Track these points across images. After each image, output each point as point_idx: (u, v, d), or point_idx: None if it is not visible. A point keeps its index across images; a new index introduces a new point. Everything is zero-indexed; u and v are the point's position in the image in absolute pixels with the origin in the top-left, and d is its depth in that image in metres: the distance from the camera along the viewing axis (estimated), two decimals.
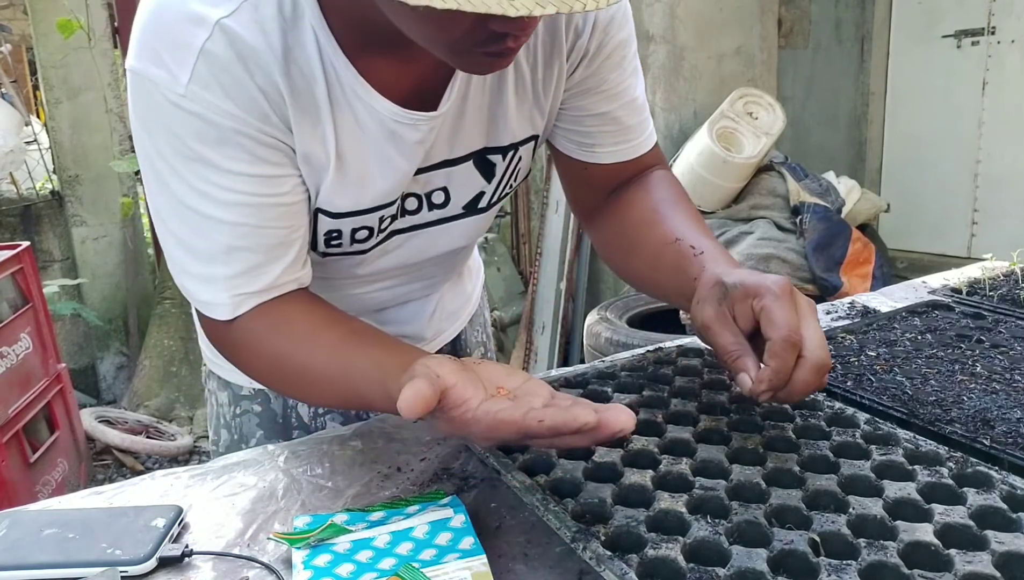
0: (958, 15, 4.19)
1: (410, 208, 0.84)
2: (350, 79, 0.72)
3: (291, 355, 0.75)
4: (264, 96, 0.69)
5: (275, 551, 0.64)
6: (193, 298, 0.76)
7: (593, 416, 0.59)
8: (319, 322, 0.76)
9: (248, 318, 0.75)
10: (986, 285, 1.16)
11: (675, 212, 0.86)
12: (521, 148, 0.86)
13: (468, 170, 0.84)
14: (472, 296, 1.14)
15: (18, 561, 0.63)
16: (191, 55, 0.66)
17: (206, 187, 0.70)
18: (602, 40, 0.83)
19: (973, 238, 4.32)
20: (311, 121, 0.72)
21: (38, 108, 4.18)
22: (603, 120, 0.88)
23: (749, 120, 3.22)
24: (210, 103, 0.67)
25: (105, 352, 3.68)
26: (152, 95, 0.68)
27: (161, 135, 0.69)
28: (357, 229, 0.81)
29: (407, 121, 0.75)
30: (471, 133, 0.82)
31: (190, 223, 0.72)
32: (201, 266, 0.74)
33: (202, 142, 0.68)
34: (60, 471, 2.53)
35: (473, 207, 0.88)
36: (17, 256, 2.45)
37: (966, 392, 0.82)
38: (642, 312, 3.01)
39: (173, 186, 0.71)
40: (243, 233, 0.72)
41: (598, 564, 0.56)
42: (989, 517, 0.60)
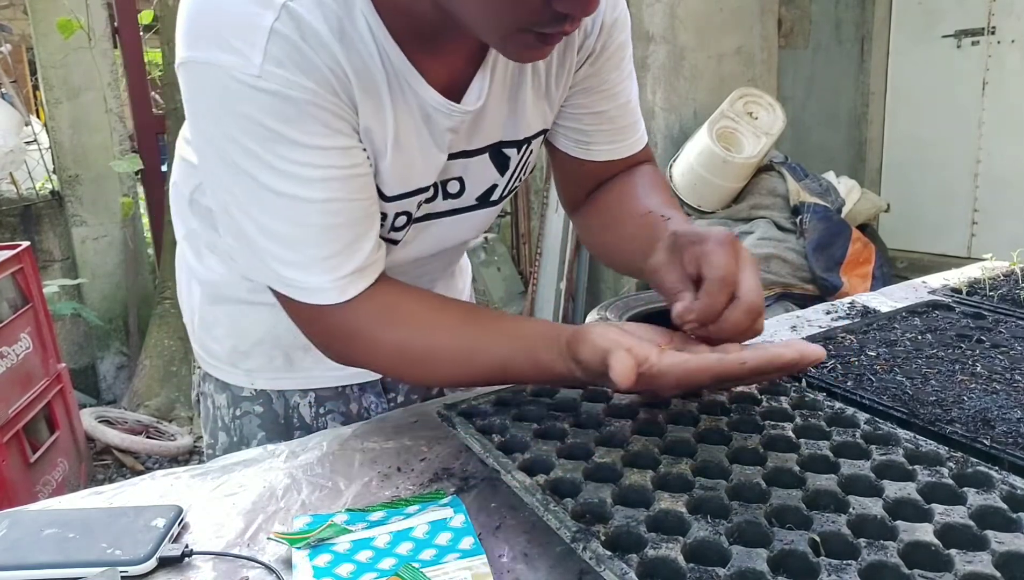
0: (958, 15, 4.19)
1: (426, 196, 0.86)
2: (401, 65, 0.73)
3: (414, 340, 0.76)
4: (332, 73, 0.70)
5: (275, 551, 0.64)
6: (294, 286, 0.75)
7: (793, 352, 0.66)
8: (433, 302, 0.79)
9: (357, 307, 0.75)
10: (986, 285, 1.16)
11: (649, 192, 0.92)
12: (533, 141, 0.89)
13: (484, 162, 0.86)
14: (463, 295, 1.15)
15: (18, 561, 0.63)
16: (262, 35, 0.66)
17: (291, 167, 0.69)
18: (607, 41, 0.86)
19: (973, 238, 4.32)
20: (374, 102, 0.74)
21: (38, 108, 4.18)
22: (600, 119, 0.91)
23: (749, 120, 3.22)
24: (286, 79, 0.67)
25: (105, 352, 3.68)
26: (221, 81, 0.67)
27: (235, 122, 0.68)
28: (399, 214, 0.82)
29: (445, 110, 0.77)
30: (490, 126, 0.84)
31: (277, 209, 0.71)
32: (295, 252, 0.73)
33: (281, 120, 0.68)
34: (60, 471, 2.53)
35: (485, 199, 0.90)
36: (17, 256, 2.45)
37: (966, 392, 0.82)
38: (642, 312, 3.01)
39: (255, 173, 0.70)
40: (335, 209, 0.72)
41: (598, 564, 0.56)
42: (989, 517, 0.60)
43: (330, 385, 1.00)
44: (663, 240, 0.78)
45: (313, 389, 1.00)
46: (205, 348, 1.03)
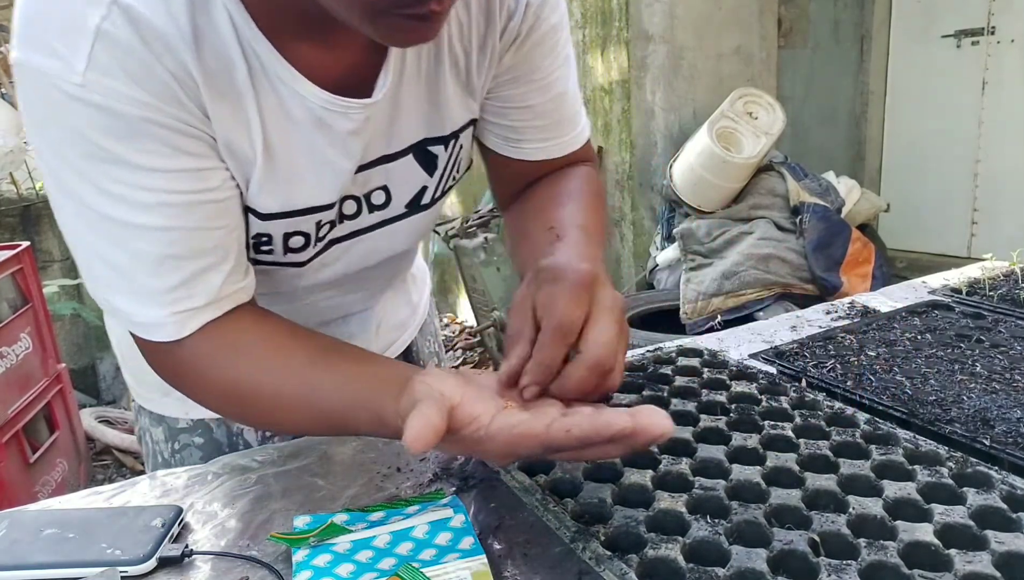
0: (958, 15, 4.19)
1: (348, 212, 0.77)
2: (273, 63, 0.64)
3: (251, 379, 0.66)
4: (175, 80, 0.60)
5: (275, 551, 0.64)
6: (128, 320, 0.66)
7: (629, 421, 0.53)
8: (281, 341, 0.68)
9: (196, 339, 0.66)
10: (986, 285, 1.16)
11: (568, 201, 0.81)
12: (461, 135, 0.81)
13: (408, 165, 0.78)
14: (419, 305, 1.08)
15: (18, 561, 0.63)
16: (86, 38, 0.56)
17: (123, 190, 0.60)
18: (533, 22, 0.77)
19: (973, 238, 4.32)
20: (231, 108, 0.64)
21: None
22: (531, 113, 0.82)
23: (749, 120, 3.22)
24: (114, 91, 0.58)
25: (105, 352, 3.67)
26: (44, 90, 0.58)
27: (61, 136, 0.59)
28: (291, 234, 0.73)
29: (337, 109, 0.67)
30: (409, 124, 0.75)
31: (110, 235, 0.62)
32: (131, 283, 0.64)
33: (110, 137, 0.59)
34: (60, 471, 2.53)
35: (416, 204, 0.81)
36: (17, 256, 2.45)
37: (966, 392, 0.82)
38: (642, 312, 3.01)
39: (84, 195, 0.61)
40: (173, 238, 0.63)
41: (598, 564, 0.56)
42: (989, 517, 0.60)
43: None
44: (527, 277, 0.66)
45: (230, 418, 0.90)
46: (135, 377, 0.94)
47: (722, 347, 1.02)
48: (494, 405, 0.58)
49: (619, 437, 0.54)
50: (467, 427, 0.56)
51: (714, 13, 3.68)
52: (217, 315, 0.67)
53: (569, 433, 0.54)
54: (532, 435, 0.55)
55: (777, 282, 2.93)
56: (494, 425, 0.56)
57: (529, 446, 0.55)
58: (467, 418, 0.56)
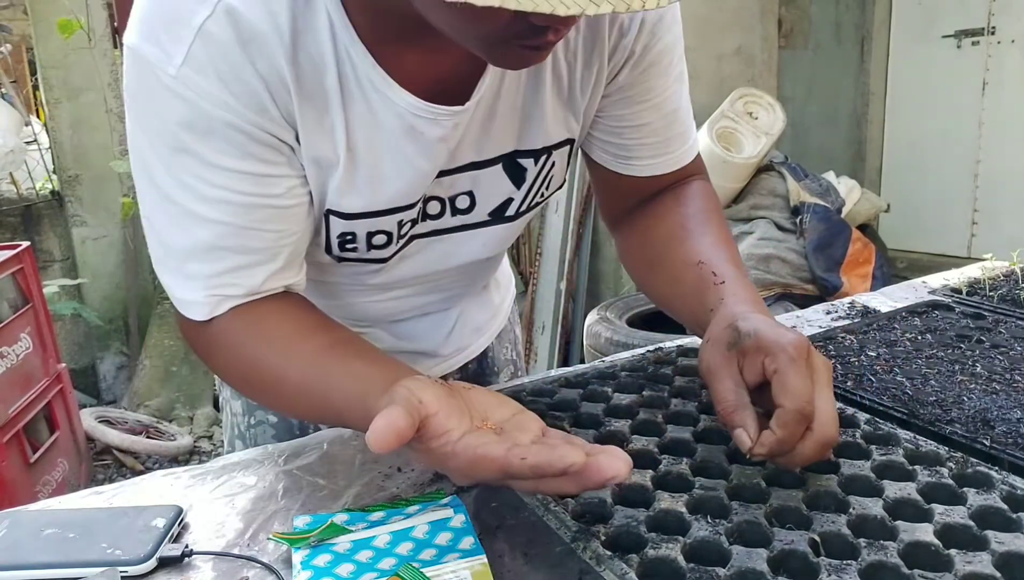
0: (958, 15, 4.19)
1: (432, 212, 0.79)
2: (366, 68, 0.66)
3: (266, 361, 0.70)
4: (265, 86, 0.64)
5: (275, 551, 0.64)
6: (171, 294, 0.72)
7: (581, 457, 0.52)
8: (301, 328, 0.71)
9: (225, 319, 0.70)
10: (986, 285, 1.16)
11: (703, 230, 0.81)
12: (555, 152, 0.80)
13: (496, 174, 0.78)
14: (500, 310, 1.08)
15: (18, 561, 0.63)
16: (188, 34, 0.60)
17: (190, 180, 0.65)
18: (648, 42, 0.76)
19: (973, 238, 4.32)
20: (318, 112, 0.67)
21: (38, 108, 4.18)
22: (643, 132, 0.82)
23: (749, 120, 3.23)
24: (203, 89, 0.62)
25: (105, 352, 3.68)
26: (144, 75, 0.63)
27: (149, 119, 0.65)
28: (373, 233, 0.76)
29: (427, 115, 0.69)
30: (502, 134, 0.76)
31: (171, 216, 0.68)
32: (179, 262, 0.69)
33: (189, 131, 0.63)
34: (60, 471, 2.53)
35: (500, 214, 0.82)
36: (17, 256, 2.45)
37: (966, 392, 0.82)
38: (642, 312, 3.01)
39: (157, 176, 0.66)
40: (225, 233, 0.67)
41: (598, 564, 0.56)
42: (989, 517, 0.60)
43: None
44: (719, 325, 0.67)
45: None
46: None
47: None
48: (469, 422, 0.58)
49: (569, 471, 0.53)
50: (437, 439, 0.56)
51: (715, 14, 3.68)
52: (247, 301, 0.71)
53: (523, 461, 0.53)
54: (491, 458, 0.54)
55: (777, 282, 2.93)
56: (461, 442, 0.56)
57: (488, 468, 0.55)
58: (439, 430, 0.56)
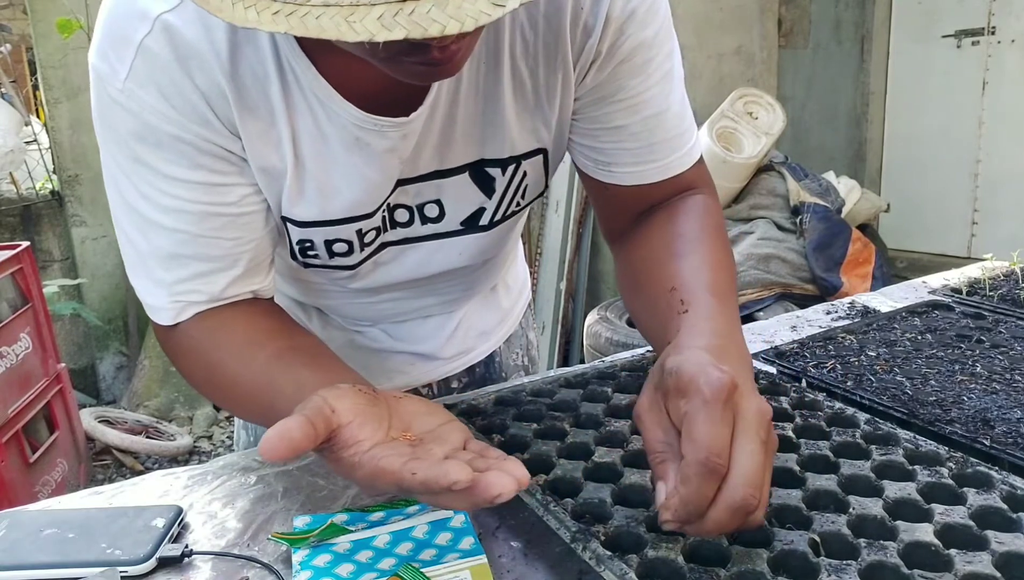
0: (958, 15, 4.19)
1: (401, 220, 0.79)
2: (309, 80, 0.66)
3: (221, 367, 0.71)
4: (204, 100, 0.65)
5: (275, 551, 0.64)
6: (140, 299, 0.75)
7: (466, 474, 0.50)
8: (256, 334, 0.72)
9: (188, 324, 0.73)
10: (986, 285, 1.16)
11: (689, 250, 0.73)
12: (524, 162, 0.77)
13: (463, 183, 0.77)
14: (510, 315, 1.06)
15: (18, 561, 0.63)
16: (130, 51, 0.63)
17: (147, 189, 0.68)
18: (616, 40, 0.71)
19: (973, 238, 4.32)
20: (263, 124, 0.68)
21: (38, 108, 4.18)
22: (621, 135, 0.76)
23: (749, 120, 3.22)
24: (146, 103, 0.64)
25: (105, 352, 3.68)
26: (99, 90, 0.66)
27: (108, 132, 0.68)
28: (332, 241, 0.76)
29: (371, 127, 0.68)
30: (464, 143, 0.74)
31: (135, 223, 0.70)
32: (146, 267, 0.72)
33: (140, 142, 0.66)
34: (60, 471, 2.53)
35: (473, 224, 0.81)
36: (17, 256, 2.45)
37: (966, 392, 0.82)
38: None
39: (121, 185, 0.69)
40: (183, 240, 0.70)
41: (598, 564, 0.56)
42: (989, 517, 0.60)
43: None
44: (657, 364, 0.59)
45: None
46: None
47: None
48: (384, 433, 0.56)
49: (454, 489, 0.50)
50: (347, 449, 0.55)
51: (714, 13, 3.68)
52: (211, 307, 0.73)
53: (414, 476, 0.52)
54: (387, 471, 0.53)
55: (777, 282, 2.93)
56: (368, 453, 0.54)
57: (387, 481, 0.53)
58: (350, 440, 0.55)
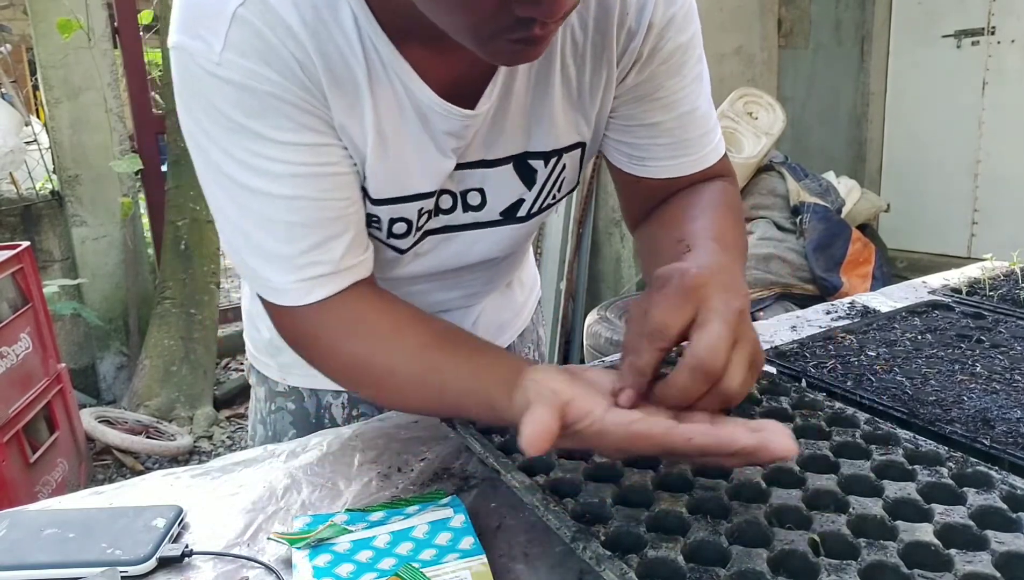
0: (958, 15, 4.19)
1: (444, 206, 0.81)
2: (390, 57, 0.69)
3: (369, 356, 0.71)
4: (299, 65, 0.66)
5: (275, 551, 0.64)
6: (260, 283, 0.73)
7: (752, 440, 0.53)
8: (398, 320, 0.72)
9: (320, 311, 0.71)
10: (986, 285, 1.16)
11: (701, 214, 0.77)
12: (565, 155, 0.81)
13: (507, 173, 0.80)
14: (523, 310, 1.08)
15: (18, 561, 0.63)
16: (224, 22, 0.63)
17: (254, 160, 0.67)
18: (657, 43, 0.76)
19: (973, 238, 4.32)
20: (349, 97, 0.69)
21: (38, 108, 4.18)
22: (656, 131, 0.81)
23: (749, 120, 3.22)
24: (247, 69, 0.64)
25: (105, 352, 3.67)
26: (190, 68, 0.66)
27: (203, 110, 0.67)
28: (395, 220, 0.78)
29: (441, 112, 0.72)
30: (512, 135, 0.77)
31: (244, 203, 0.69)
32: (261, 248, 0.70)
33: (243, 112, 0.66)
34: (60, 471, 2.53)
35: (511, 214, 0.83)
36: (17, 256, 2.45)
37: (966, 392, 0.82)
38: None
39: (222, 164, 0.68)
40: (300, 206, 0.69)
41: (598, 564, 0.56)
42: (989, 517, 0.60)
43: None
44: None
45: (346, 390, 0.98)
46: (250, 337, 1.03)
47: None
48: (604, 400, 0.58)
49: (744, 455, 0.54)
50: (581, 422, 0.57)
51: (715, 13, 3.68)
52: (341, 287, 0.72)
53: (690, 442, 0.54)
54: (649, 436, 0.55)
55: (777, 282, 2.93)
56: (608, 420, 0.56)
57: (644, 446, 0.56)
58: (581, 414, 0.57)
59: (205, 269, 3.47)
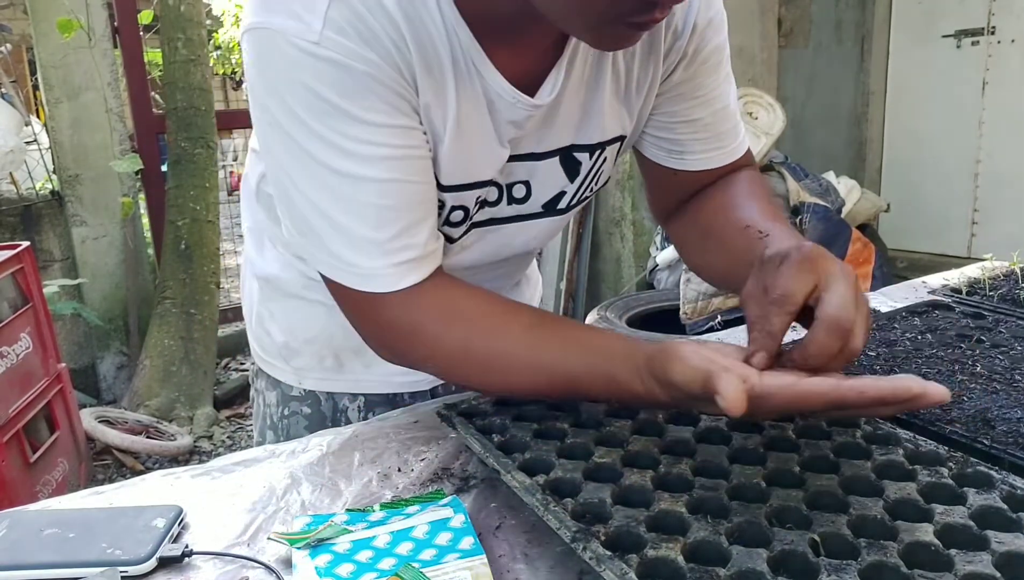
0: (958, 15, 4.19)
1: (490, 199, 0.82)
2: (469, 45, 0.69)
3: (478, 341, 0.72)
4: (394, 47, 0.66)
5: (275, 551, 0.64)
6: (347, 270, 0.71)
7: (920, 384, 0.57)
8: (495, 306, 0.74)
9: (418, 297, 0.71)
10: (986, 285, 1.16)
11: (749, 201, 0.85)
12: (608, 148, 0.84)
13: (553, 166, 0.82)
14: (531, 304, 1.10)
15: (18, 561, 0.63)
16: (323, 1, 0.63)
17: (347, 143, 0.66)
18: (700, 43, 0.81)
19: (973, 238, 4.32)
20: (436, 82, 0.70)
21: (38, 108, 4.18)
22: (695, 127, 0.86)
23: (749, 120, 3.22)
24: (347, 48, 0.64)
25: (105, 352, 3.68)
26: (280, 48, 0.64)
27: (292, 92, 0.65)
28: (456, 207, 0.78)
29: (510, 99, 0.73)
30: (562, 127, 0.79)
31: (332, 187, 0.68)
32: (350, 234, 0.69)
33: (339, 93, 0.65)
34: (60, 471, 2.53)
35: (552, 207, 0.85)
36: (17, 256, 2.45)
37: (966, 392, 0.82)
38: (642, 312, 3.01)
39: (310, 148, 0.67)
40: (391, 190, 0.68)
41: (598, 564, 0.56)
42: (989, 517, 0.60)
43: (380, 391, 0.98)
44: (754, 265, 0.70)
45: (363, 393, 0.98)
46: (259, 342, 1.01)
47: None
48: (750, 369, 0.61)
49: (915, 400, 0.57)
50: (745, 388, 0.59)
51: None
52: (429, 272, 0.72)
53: (863, 394, 0.57)
54: (820, 393, 0.58)
55: None
56: (767, 383, 0.59)
57: (812, 404, 0.59)
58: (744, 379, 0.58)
59: (205, 269, 3.47)
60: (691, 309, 2.95)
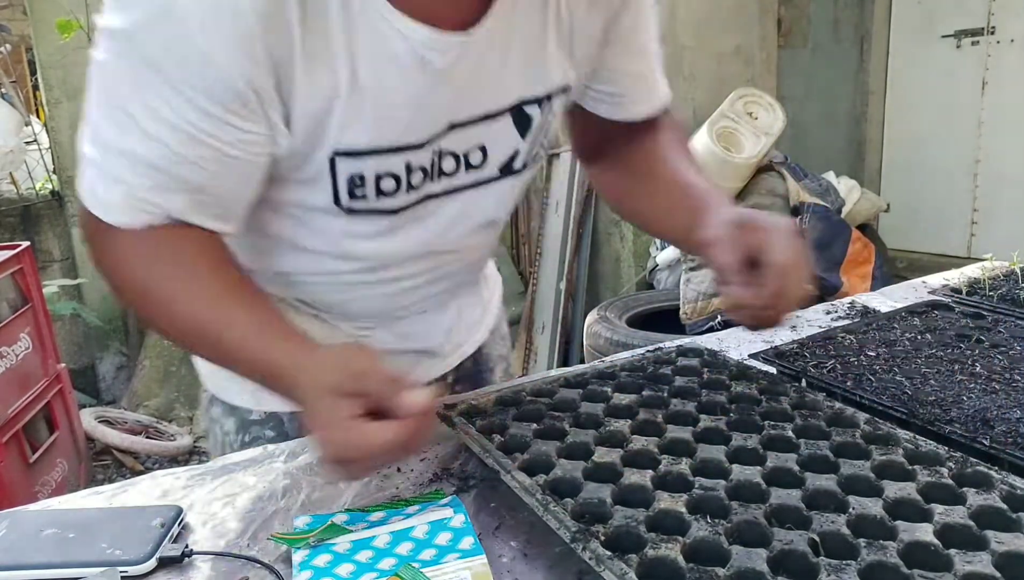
0: (958, 15, 4.19)
1: (447, 169, 0.80)
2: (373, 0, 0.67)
3: (167, 285, 0.71)
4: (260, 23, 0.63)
5: (275, 551, 0.64)
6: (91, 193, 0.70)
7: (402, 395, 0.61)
8: (208, 261, 0.72)
9: (137, 235, 0.69)
10: (986, 285, 1.16)
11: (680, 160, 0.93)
12: (555, 99, 0.84)
13: (506, 125, 0.82)
14: (490, 305, 1.09)
15: (18, 561, 0.63)
16: None
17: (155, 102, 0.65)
18: None
19: (973, 238, 4.32)
20: (321, 42, 0.66)
21: (38, 108, 4.18)
22: (637, 80, 0.91)
23: (749, 120, 3.22)
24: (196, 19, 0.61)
25: (105, 352, 3.67)
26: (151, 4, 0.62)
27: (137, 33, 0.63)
28: (382, 176, 0.75)
29: (434, 44, 0.70)
30: (511, 78, 0.79)
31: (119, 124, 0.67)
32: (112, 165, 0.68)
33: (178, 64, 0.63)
34: (60, 471, 2.53)
35: (508, 168, 0.85)
36: (17, 256, 2.45)
37: (966, 392, 0.82)
38: (642, 312, 3.01)
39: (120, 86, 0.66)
40: (164, 155, 0.67)
41: (598, 564, 0.56)
42: (989, 517, 0.60)
43: None
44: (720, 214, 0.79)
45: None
46: (209, 369, 0.95)
47: (722, 347, 1.02)
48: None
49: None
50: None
51: (714, 13, 3.67)
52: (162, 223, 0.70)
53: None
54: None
55: None
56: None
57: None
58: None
59: None
60: (691, 309, 2.95)
